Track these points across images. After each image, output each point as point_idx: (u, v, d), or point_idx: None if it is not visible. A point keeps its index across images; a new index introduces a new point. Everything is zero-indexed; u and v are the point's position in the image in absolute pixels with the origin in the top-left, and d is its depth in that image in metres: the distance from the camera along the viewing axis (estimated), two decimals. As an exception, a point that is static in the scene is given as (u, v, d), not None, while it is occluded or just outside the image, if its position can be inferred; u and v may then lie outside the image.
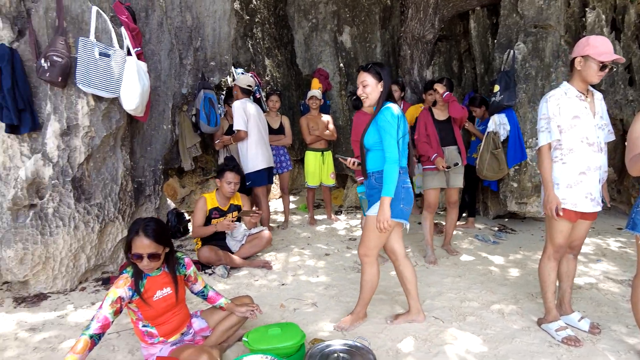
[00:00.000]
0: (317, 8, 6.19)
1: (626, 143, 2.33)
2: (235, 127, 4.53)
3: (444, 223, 5.00)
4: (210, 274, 3.72)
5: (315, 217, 5.69)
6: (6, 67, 3.05)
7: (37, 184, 3.24)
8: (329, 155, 5.39)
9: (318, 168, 5.30)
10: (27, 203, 3.18)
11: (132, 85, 3.37)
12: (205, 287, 2.46)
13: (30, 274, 3.26)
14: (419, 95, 6.26)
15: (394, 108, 2.56)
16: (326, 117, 5.36)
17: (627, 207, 5.93)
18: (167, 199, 5.52)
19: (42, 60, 3.08)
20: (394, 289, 3.40)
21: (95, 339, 1.94)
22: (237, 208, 3.95)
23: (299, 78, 7.36)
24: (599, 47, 2.39)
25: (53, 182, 3.25)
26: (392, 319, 2.87)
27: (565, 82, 2.60)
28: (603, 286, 3.53)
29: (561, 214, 2.52)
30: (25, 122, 3.15)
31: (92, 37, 3.27)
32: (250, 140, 4.55)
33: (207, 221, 3.77)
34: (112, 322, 2.01)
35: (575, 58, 2.49)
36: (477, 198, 5.64)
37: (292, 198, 7.15)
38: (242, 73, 6.17)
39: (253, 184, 4.62)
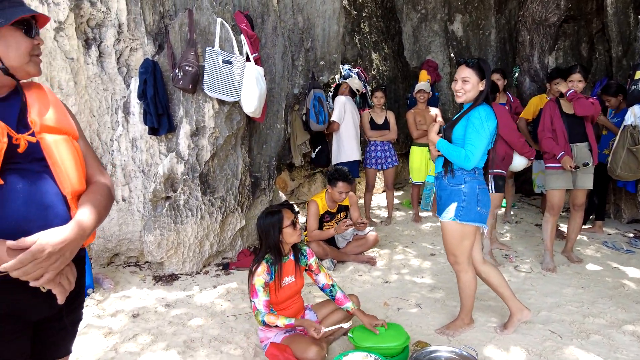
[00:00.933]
0: (427, -2, 6.00)
1: None
2: (332, 118, 4.83)
3: (563, 228, 4.58)
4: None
5: (420, 214, 5.59)
6: (150, 78, 3.53)
7: (171, 179, 3.71)
8: None
9: (424, 164, 5.18)
10: (163, 195, 3.67)
11: (251, 90, 3.66)
12: (333, 285, 2.53)
13: (165, 257, 3.76)
14: (539, 84, 5.73)
15: (493, 110, 2.46)
16: (434, 111, 5.20)
17: None
18: (279, 191, 5.89)
19: (177, 70, 3.50)
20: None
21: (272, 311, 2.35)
22: (345, 208, 4.06)
23: (406, 70, 7.22)
24: None
25: (184, 177, 3.69)
26: (501, 327, 2.73)
27: None
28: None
29: None
30: (163, 125, 3.62)
31: (216, 46, 3.61)
32: (347, 134, 4.88)
33: (320, 223, 3.93)
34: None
35: None
36: (607, 199, 5.01)
37: (395, 193, 7.09)
38: (349, 69, 6.26)
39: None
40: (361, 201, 5.52)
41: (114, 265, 4.03)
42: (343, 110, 4.88)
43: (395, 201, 6.54)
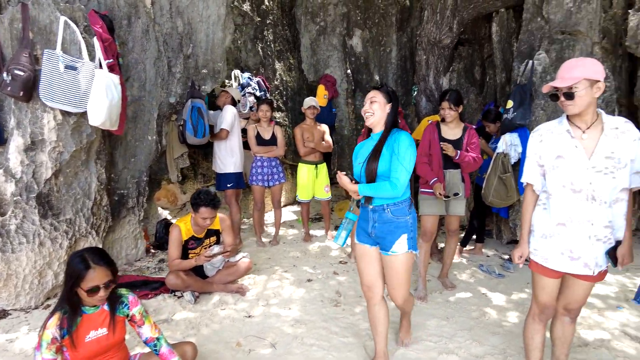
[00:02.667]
0: (326, 10, 5.86)
1: None
2: (222, 126, 4.53)
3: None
4: (179, 297, 3.54)
5: (316, 231, 5.42)
6: (-32, 80, 2.97)
7: (-2, 201, 3.16)
8: (323, 167, 5.09)
9: (311, 182, 5.01)
10: (-13, 220, 3.11)
11: (98, 100, 3.22)
12: (158, 339, 2.19)
13: (-8, 291, 3.20)
14: (434, 104, 5.80)
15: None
16: (324, 127, 5.05)
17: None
18: (159, 208, 5.43)
19: (5, 74, 2.98)
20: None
21: None
22: (215, 233, 3.73)
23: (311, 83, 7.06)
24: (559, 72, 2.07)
25: (16, 198, 3.16)
26: None
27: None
28: (616, 345, 3.03)
29: (521, 264, 2.31)
30: (-12, 136, 3.07)
31: (58, 49, 3.13)
32: (235, 144, 4.65)
33: (184, 251, 3.57)
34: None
35: None
36: (489, 220, 5.15)
37: (296, 208, 6.90)
38: (249, 78, 5.96)
39: (237, 186, 4.72)
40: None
41: None
42: (234, 119, 4.60)
43: (292, 217, 6.34)
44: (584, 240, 2.08)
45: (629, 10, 5.05)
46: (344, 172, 2.50)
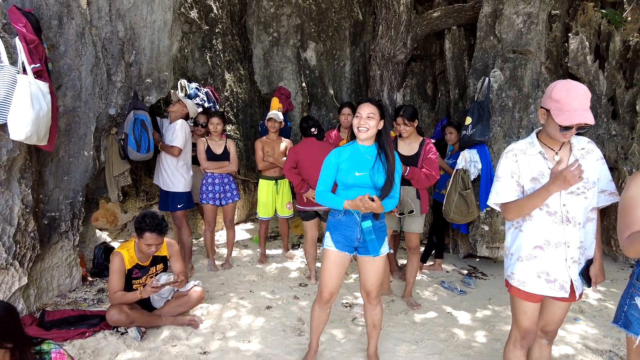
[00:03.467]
0: (279, 21, 5.68)
1: (618, 210, 1.82)
2: (175, 143, 4.10)
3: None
4: (122, 333, 3.11)
5: (272, 251, 5.13)
6: None
7: None
8: (284, 183, 4.84)
9: (271, 198, 4.75)
10: None
11: (21, 111, 2.76)
12: None
13: None
14: (389, 120, 5.77)
15: None
16: (285, 142, 4.82)
17: (606, 247, 5.48)
18: (97, 231, 4.90)
19: None
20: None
21: None
22: (162, 259, 3.34)
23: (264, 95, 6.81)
24: (561, 104, 1.86)
25: None
26: None
27: (534, 133, 2.11)
28: (581, 359, 3.03)
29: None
30: None
31: (-28, 50, 2.66)
32: (187, 161, 4.30)
33: (127, 281, 3.15)
34: None
35: (540, 107, 2.01)
36: (446, 234, 5.15)
37: (249, 226, 6.56)
38: (197, 88, 5.59)
39: (188, 206, 4.35)
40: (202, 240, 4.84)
41: None
42: (186, 136, 4.20)
43: (246, 236, 6.00)
44: (560, 262, 2.03)
45: (569, 34, 5.33)
46: (371, 197, 2.39)
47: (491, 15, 4.71)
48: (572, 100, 1.85)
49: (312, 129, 4.24)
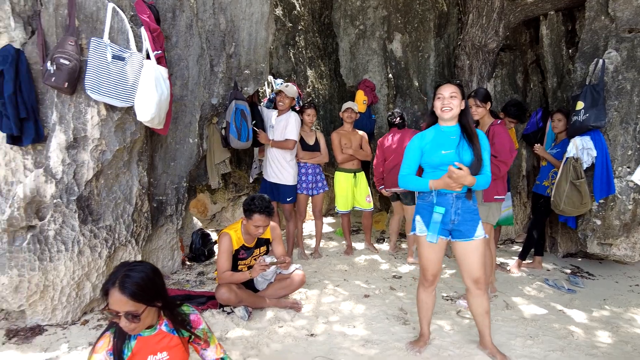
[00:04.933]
0: (366, 13, 5.64)
1: None
2: (290, 136, 4.15)
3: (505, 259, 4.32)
4: (229, 313, 3.18)
5: (354, 244, 5.07)
6: (9, 70, 2.69)
7: (37, 203, 2.84)
8: (362, 176, 4.77)
9: (350, 191, 4.69)
10: (24, 224, 2.79)
11: (148, 94, 2.93)
12: (223, 359, 1.90)
13: (25, 304, 2.86)
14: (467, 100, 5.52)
15: None
16: (362, 134, 4.75)
17: None
18: (194, 217, 5.10)
19: (49, 63, 2.70)
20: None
21: None
22: (266, 242, 3.39)
23: (343, 90, 6.82)
24: None
25: (55, 201, 2.85)
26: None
27: None
28: None
29: None
30: (27, 132, 2.77)
31: (105, 37, 2.87)
32: (293, 155, 4.34)
33: (234, 261, 3.23)
34: None
35: None
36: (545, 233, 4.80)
37: (330, 220, 6.56)
38: (282, 84, 5.70)
39: (294, 199, 4.41)
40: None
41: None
42: (298, 127, 4.22)
43: (329, 229, 5.99)
44: None
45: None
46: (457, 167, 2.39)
47: (603, -7, 4.34)
48: None
49: (395, 119, 4.55)
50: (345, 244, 4.94)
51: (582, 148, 3.74)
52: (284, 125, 4.16)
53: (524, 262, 4.44)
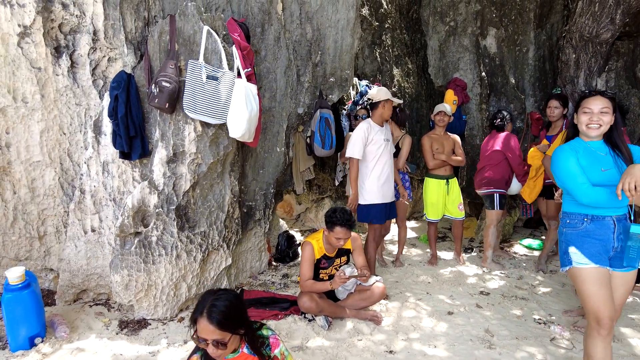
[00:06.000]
0: (457, 9, 5.33)
1: None
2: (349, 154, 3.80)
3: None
4: (310, 320, 3.28)
5: (439, 253, 4.89)
6: (122, 94, 3.03)
7: (142, 212, 3.18)
8: (454, 182, 4.55)
9: (442, 199, 4.50)
10: (132, 231, 3.14)
11: (239, 111, 3.10)
12: None
13: (134, 300, 3.23)
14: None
15: None
16: (455, 137, 4.52)
17: None
18: (280, 219, 5.32)
19: (153, 86, 2.98)
20: None
21: None
22: (347, 252, 3.43)
23: (430, 87, 6.56)
24: None
25: (157, 210, 3.16)
26: None
27: None
28: None
29: None
30: (135, 148, 3.11)
31: (200, 59, 3.08)
32: (374, 167, 3.84)
33: (315, 270, 3.32)
34: None
35: None
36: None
37: (412, 224, 6.40)
38: (367, 85, 5.65)
39: (367, 219, 3.92)
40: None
41: (81, 302, 3.53)
42: (364, 138, 3.80)
43: (412, 234, 5.86)
44: None
45: None
46: None
47: None
48: None
49: (496, 120, 4.42)
50: (429, 253, 4.80)
51: None
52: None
53: (637, 285, 3.93)
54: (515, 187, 4.43)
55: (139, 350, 2.88)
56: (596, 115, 2.21)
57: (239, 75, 3.24)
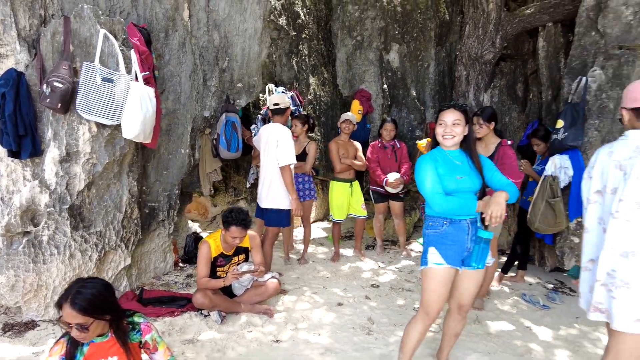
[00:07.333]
0: (364, 24, 5.75)
1: None
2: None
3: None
4: (205, 316, 3.43)
5: (343, 250, 5.23)
6: (9, 92, 3.00)
7: (32, 211, 3.16)
8: (357, 185, 4.93)
9: (346, 200, 4.85)
10: (20, 230, 3.11)
11: (133, 113, 3.19)
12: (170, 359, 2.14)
13: (21, 301, 3.19)
14: (472, 122, 5.56)
15: None
16: (356, 144, 4.90)
17: None
18: (190, 221, 5.39)
19: (45, 86, 2.99)
20: None
21: None
22: (245, 250, 3.62)
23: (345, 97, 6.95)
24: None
25: (49, 209, 3.15)
26: None
27: None
28: None
29: None
30: (25, 147, 3.08)
31: (96, 61, 3.13)
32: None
33: (212, 267, 3.47)
34: None
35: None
36: (532, 245, 4.83)
37: (326, 224, 6.74)
38: (283, 92, 5.89)
39: (283, 223, 4.25)
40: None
41: (-36, 306, 3.40)
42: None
43: (322, 234, 6.18)
44: None
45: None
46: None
47: (594, 8, 4.30)
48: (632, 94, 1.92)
49: None
50: (334, 251, 5.12)
51: (559, 167, 3.78)
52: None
53: (506, 275, 4.50)
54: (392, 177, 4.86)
55: (21, 352, 2.86)
56: (449, 127, 2.36)
57: (136, 78, 3.32)
